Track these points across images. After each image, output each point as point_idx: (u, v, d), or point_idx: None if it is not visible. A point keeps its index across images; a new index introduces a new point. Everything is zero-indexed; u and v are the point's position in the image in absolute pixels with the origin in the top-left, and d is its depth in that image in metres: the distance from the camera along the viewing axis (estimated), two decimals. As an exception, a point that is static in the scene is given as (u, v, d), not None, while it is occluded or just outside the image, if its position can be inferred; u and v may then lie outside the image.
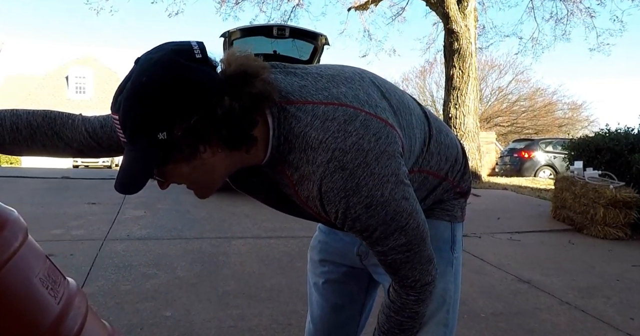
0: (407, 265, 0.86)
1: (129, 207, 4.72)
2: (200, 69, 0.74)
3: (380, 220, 0.79)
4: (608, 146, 5.32)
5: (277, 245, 3.70)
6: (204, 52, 0.76)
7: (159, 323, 2.23)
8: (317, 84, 0.84)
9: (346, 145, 0.76)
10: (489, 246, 4.10)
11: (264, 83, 0.77)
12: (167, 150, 0.75)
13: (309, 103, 0.80)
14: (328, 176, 0.77)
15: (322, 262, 1.19)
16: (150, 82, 0.72)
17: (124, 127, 0.74)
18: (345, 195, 0.77)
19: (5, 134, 0.89)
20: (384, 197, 0.78)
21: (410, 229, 0.82)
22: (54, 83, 26.02)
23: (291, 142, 0.79)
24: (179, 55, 0.74)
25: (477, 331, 2.36)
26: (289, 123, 0.79)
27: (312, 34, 5.92)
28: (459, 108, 8.99)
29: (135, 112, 0.73)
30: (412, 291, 0.90)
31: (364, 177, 0.76)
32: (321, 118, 0.78)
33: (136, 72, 0.74)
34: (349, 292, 1.18)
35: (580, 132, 21.56)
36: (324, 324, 1.20)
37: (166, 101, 0.72)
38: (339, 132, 0.77)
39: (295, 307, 2.50)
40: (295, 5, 11.76)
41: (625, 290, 3.10)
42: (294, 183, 0.83)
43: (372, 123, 0.79)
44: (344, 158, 0.76)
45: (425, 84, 26.97)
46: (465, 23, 8.93)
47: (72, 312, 0.83)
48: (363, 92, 0.85)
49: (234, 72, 0.76)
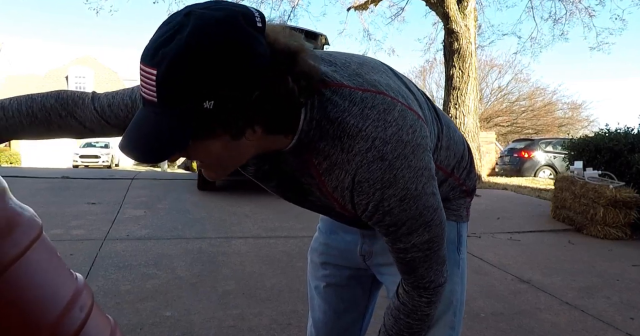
0: (425, 265, 0.84)
1: (129, 207, 4.72)
2: (259, 39, 0.65)
3: (410, 215, 0.77)
4: (608, 146, 5.32)
5: (277, 245, 3.70)
6: (264, 22, 0.67)
7: (159, 323, 2.23)
8: (348, 69, 0.79)
9: (386, 135, 0.73)
10: (489, 246, 4.10)
11: (308, 64, 0.70)
12: (208, 122, 0.65)
13: (345, 87, 0.75)
14: (365, 165, 0.73)
15: (324, 265, 1.15)
16: (210, 40, 0.61)
17: (162, 84, 0.62)
18: (382, 187, 0.74)
19: (23, 119, 0.88)
20: (417, 191, 0.75)
21: (434, 225, 0.80)
22: (54, 83, 26.01)
23: (324, 127, 0.74)
24: (243, 18, 0.64)
25: (477, 331, 2.36)
26: (323, 107, 0.73)
27: (312, 33, 5.93)
28: (459, 108, 8.99)
29: (185, 70, 0.61)
30: (425, 293, 0.88)
31: (402, 169, 0.73)
32: (360, 105, 0.74)
33: (192, 26, 0.61)
34: (352, 296, 1.15)
35: (580, 132, 21.58)
36: (327, 328, 1.17)
37: (226, 66, 0.62)
38: (379, 121, 0.73)
39: (295, 307, 2.50)
40: (294, 5, 11.77)
41: (625, 290, 3.10)
42: (321, 172, 0.78)
43: (408, 115, 0.77)
44: (384, 148, 0.72)
45: (425, 84, 26.97)
46: (465, 23, 8.93)
47: (79, 303, 0.82)
48: (393, 82, 0.82)
49: (281, 49, 0.67)
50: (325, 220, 1.17)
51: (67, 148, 21.73)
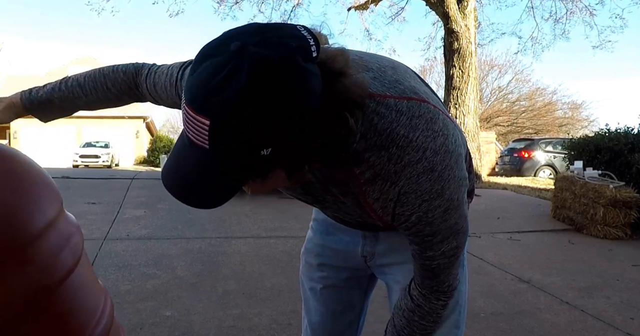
0: (447, 270, 0.84)
1: (129, 207, 4.72)
2: (318, 75, 0.59)
3: (449, 224, 0.76)
4: (608, 146, 5.32)
5: (277, 245, 3.70)
6: (318, 45, 0.59)
7: (159, 323, 2.23)
8: (386, 76, 0.75)
9: (436, 145, 0.71)
10: (489, 246, 4.10)
11: (356, 83, 0.64)
12: (265, 166, 0.61)
13: (389, 97, 0.71)
14: (415, 177, 0.71)
15: (321, 266, 1.13)
16: (270, 90, 0.55)
17: (216, 135, 0.56)
18: (429, 198, 0.72)
19: (100, 94, 0.97)
20: (459, 201, 0.75)
21: (461, 233, 0.80)
22: (54, 83, 26.04)
23: (370, 139, 0.70)
24: (298, 54, 0.57)
25: (477, 331, 2.36)
26: (369, 119, 0.69)
27: (312, 33, 5.93)
28: (459, 108, 8.99)
29: (242, 122, 0.55)
30: (443, 296, 0.88)
31: (448, 180, 0.72)
32: (407, 114, 0.71)
33: (247, 71, 0.54)
34: (349, 297, 1.14)
35: (580, 132, 21.57)
36: (324, 330, 1.16)
37: (286, 113, 0.56)
38: (428, 131, 0.71)
39: (295, 307, 2.50)
40: (295, 4, 11.76)
41: (625, 290, 3.10)
42: (363, 182, 0.74)
43: (449, 123, 0.75)
44: (434, 159, 0.70)
45: (425, 84, 26.95)
46: (465, 23, 8.93)
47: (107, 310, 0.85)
48: (423, 87, 0.80)
49: (329, 69, 0.61)
50: (320, 220, 1.13)
51: (67, 148, 21.73)
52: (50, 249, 0.71)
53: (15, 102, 0.96)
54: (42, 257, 0.69)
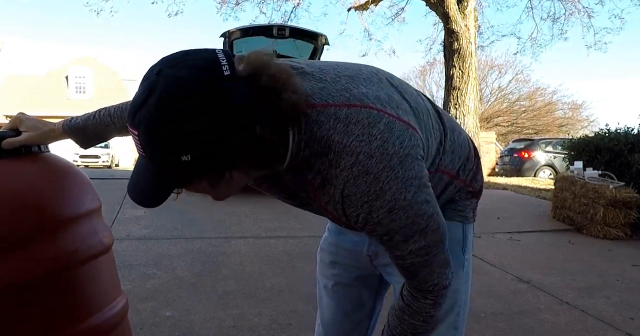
0: (426, 269, 0.84)
1: (129, 207, 4.72)
2: (229, 90, 0.67)
3: (402, 224, 0.78)
4: (608, 146, 5.32)
5: (277, 245, 3.70)
6: (232, 65, 0.69)
7: (159, 323, 2.24)
8: (337, 85, 0.80)
9: (371, 148, 0.74)
10: (489, 246, 4.10)
11: (292, 97, 0.71)
12: (189, 171, 0.71)
13: (330, 106, 0.77)
14: (352, 180, 0.75)
15: (333, 264, 1.17)
16: (176, 104, 0.66)
17: (143, 144, 0.69)
18: (369, 200, 0.75)
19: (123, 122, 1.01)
20: (407, 201, 0.76)
21: (430, 232, 0.81)
22: (54, 83, 25.99)
23: (312, 147, 0.76)
24: (208, 73, 0.67)
25: (477, 331, 2.36)
26: (310, 128, 0.76)
27: (312, 33, 5.93)
28: (459, 108, 8.99)
29: (157, 132, 0.67)
30: (430, 295, 0.88)
31: (387, 181, 0.74)
32: (344, 121, 0.75)
33: (161, 88, 0.66)
34: (359, 296, 1.16)
35: (580, 132, 21.55)
36: (335, 327, 1.18)
37: (192, 126, 0.66)
38: (363, 136, 0.74)
39: (295, 307, 2.50)
40: (295, 5, 11.76)
41: (625, 290, 3.10)
42: (316, 187, 0.81)
43: (396, 126, 0.77)
44: (368, 162, 0.74)
45: (425, 84, 26.98)
46: (465, 23, 8.93)
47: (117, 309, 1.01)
48: (384, 93, 0.83)
49: (263, 87, 0.70)
50: None
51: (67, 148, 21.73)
52: (78, 236, 0.91)
53: (56, 128, 1.04)
54: (71, 237, 0.90)
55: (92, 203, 1.00)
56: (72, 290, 0.90)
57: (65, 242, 0.89)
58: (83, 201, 0.98)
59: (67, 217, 0.91)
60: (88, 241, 0.94)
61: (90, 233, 0.96)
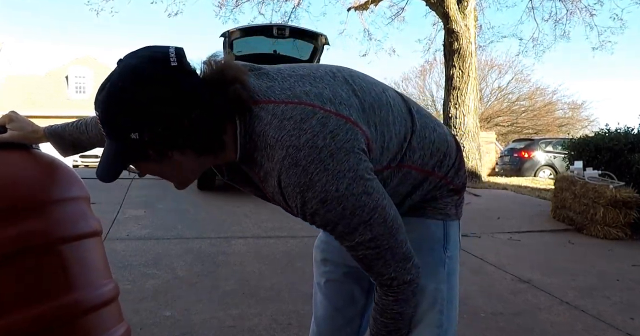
0: (379, 261, 0.86)
1: (129, 207, 4.72)
2: (172, 79, 0.78)
3: (339, 215, 0.81)
4: (608, 146, 5.32)
5: (277, 245, 3.70)
6: (180, 59, 0.79)
7: (159, 323, 2.24)
8: (284, 84, 0.86)
9: (300, 142, 0.79)
10: (489, 246, 4.10)
11: (238, 90, 0.80)
12: (137, 149, 0.81)
13: (271, 102, 0.83)
14: (284, 172, 0.80)
15: (324, 261, 1.19)
16: (124, 87, 0.78)
17: (101, 124, 0.82)
18: (301, 191, 0.80)
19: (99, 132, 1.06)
20: (339, 192, 0.79)
21: (375, 224, 0.82)
22: (54, 83, 25.98)
23: (254, 140, 0.82)
24: (155, 63, 0.78)
25: (477, 331, 2.36)
26: (252, 123, 0.82)
27: (312, 33, 5.92)
28: (459, 108, 8.99)
29: (110, 112, 0.80)
30: (390, 291, 0.90)
31: (317, 173, 0.78)
32: (279, 117, 0.81)
33: (115, 75, 0.80)
34: (350, 293, 1.17)
35: (580, 132, 21.51)
36: (327, 324, 1.19)
37: (136, 107, 0.77)
38: (294, 130, 0.79)
39: (295, 307, 2.50)
40: (295, 5, 11.75)
41: (625, 290, 3.10)
42: (261, 179, 0.87)
43: (331, 120, 0.81)
44: (297, 155, 0.78)
45: (425, 84, 26.94)
46: (465, 23, 8.93)
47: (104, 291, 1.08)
48: (329, 90, 0.87)
49: (211, 79, 0.81)
50: None
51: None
52: (67, 214, 1.03)
53: (39, 131, 1.12)
54: (58, 216, 1.01)
55: (79, 192, 1.11)
56: (58, 264, 0.97)
57: (51, 219, 0.99)
58: (69, 188, 1.08)
59: (53, 198, 1.02)
60: (74, 222, 1.04)
61: (77, 216, 1.06)
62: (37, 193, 1.00)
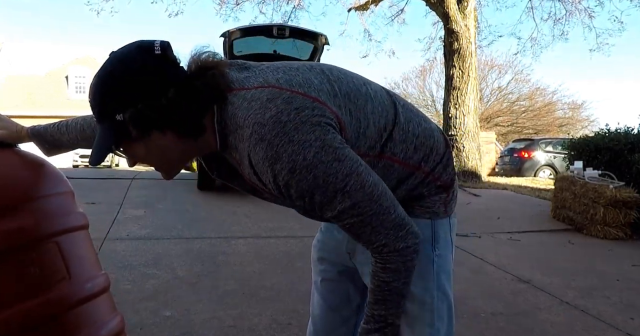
0: (367, 229, 0.86)
1: (129, 207, 4.72)
2: (154, 63, 0.85)
3: (312, 184, 0.82)
4: (608, 146, 5.32)
5: (277, 245, 3.70)
6: (165, 49, 0.86)
7: (159, 323, 2.23)
8: (260, 74, 0.91)
9: (264, 118, 0.82)
10: (489, 246, 4.10)
11: (216, 76, 0.86)
12: (122, 130, 0.87)
13: (244, 89, 0.88)
14: (252, 149, 0.83)
15: (320, 260, 1.20)
16: (109, 71, 0.86)
17: (92, 108, 0.90)
18: (270, 164, 0.82)
19: (78, 134, 1.13)
20: (307, 161, 0.80)
21: (353, 191, 0.83)
22: (54, 83, 25.98)
23: (228, 125, 0.87)
24: (139, 50, 0.86)
25: (477, 331, 2.36)
26: (226, 109, 0.87)
27: (312, 33, 5.92)
28: (459, 108, 8.99)
29: (97, 96, 0.88)
30: (380, 258, 0.90)
31: (282, 145, 0.80)
32: (248, 100, 0.85)
33: (104, 62, 0.89)
34: (345, 292, 1.17)
35: (580, 132, 21.51)
36: (323, 323, 1.20)
37: (119, 88, 0.85)
38: (260, 109, 0.83)
39: (295, 307, 2.50)
40: (295, 6, 11.75)
41: (625, 290, 3.10)
42: (238, 163, 0.90)
43: (297, 99, 0.84)
44: (262, 130, 0.82)
45: (425, 84, 26.92)
46: (465, 23, 8.93)
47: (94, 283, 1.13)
48: (301, 77, 0.90)
49: (193, 68, 0.87)
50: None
51: (68, 149, 21.68)
52: (54, 209, 1.08)
53: (23, 130, 1.15)
54: (46, 211, 1.05)
55: (64, 188, 1.16)
56: (48, 258, 1.01)
57: (39, 214, 1.03)
58: (54, 184, 1.13)
59: (40, 194, 1.07)
60: (62, 216, 1.09)
61: (64, 210, 1.11)
62: (24, 190, 1.04)
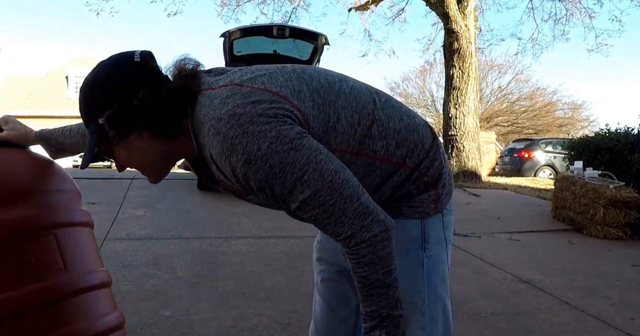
0: (330, 220, 0.85)
1: (129, 207, 4.72)
2: (132, 68, 0.91)
3: (269, 174, 0.82)
4: (608, 146, 5.31)
5: (277, 245, 3.70)
6: (144, 57, 0.92)
7: (159, 323, 2.23)
8: (229, 76, 0.94)
9: (220, 113, 0.85)
10: (489, 246, 4.10)
11: (188, 78, 0.91)
12: (103, 133, 0.92)
13: (210, 89, 0.91)
14: (210, 143, 0.86)
15: (320, 261, 1.21)
16: (90, 78, 0.94)
17: (80, 114, 0.95)
18: (226, 157, 0.84)
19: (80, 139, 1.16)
20: (262, 151, 0.81)
21: (311, 180, 0.82)
22: (54, 83, 25.99)
23: (196, 124, 0.89)
24: (120, 58, 0.94)
25: (477, 331, 2.36)
26: (196, 109, 0.90)
27: (312, 33, 5.92)
28: (459, 108, 8.99)
29: (81, 102, 0.94)
30: (351, 253, 0.87)
31: (236, 137, 0.82)
32: (212, 98, 0.89)
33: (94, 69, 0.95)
34: (343, 292, 1.17)
35: (580, 132, 21.54)
36: (324, 322, 1.20)
37: (98, 93, 0.91)
38: (218, 105, 0.86)
39: (295, 307, 2.50)
40: (295, 6, 11.75)
41: (625, 290, 3.10)
42: (209, 162, 0.91)
43: (255, 93, 0.86)
44: (217, 124, 0.84)
45: (425, 84, 26.92)
46: (465, 23, 8.93)
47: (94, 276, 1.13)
48: (267, 76, 0.92)
49: (172, 73, 0.93)
50: None
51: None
52: (60, 203, 1.12)
53: (31, 133, 1.21)
54: (51, 203, 1.10)
55: (70, 186, 1.19)
56: (49, 247, 1.05)
57: (44, 206, 1.08)
58: (61, 182, 1.17)
59: (47, 188, 1.12)
60: (66, 210, 1.13)
61: (69, 205, 1.16)
62: (32, 184, 1.09)
